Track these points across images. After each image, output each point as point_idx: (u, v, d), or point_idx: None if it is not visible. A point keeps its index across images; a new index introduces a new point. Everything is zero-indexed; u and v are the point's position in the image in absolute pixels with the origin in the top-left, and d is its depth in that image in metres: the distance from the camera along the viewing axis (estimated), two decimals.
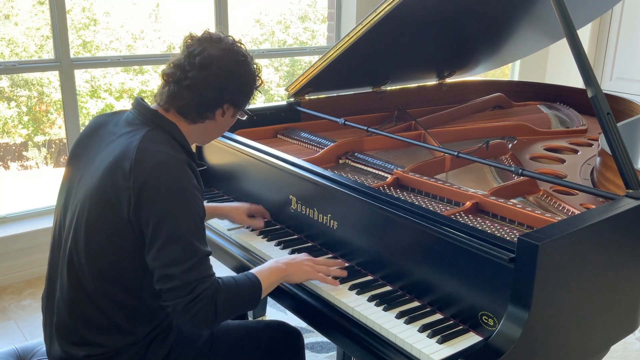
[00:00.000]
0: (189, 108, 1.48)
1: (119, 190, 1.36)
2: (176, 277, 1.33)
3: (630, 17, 4.75)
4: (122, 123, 1.49)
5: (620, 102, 2.77)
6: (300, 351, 1.72)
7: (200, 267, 1.36)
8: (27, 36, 5.21)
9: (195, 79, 1.45)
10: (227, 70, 1.47)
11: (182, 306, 1.34)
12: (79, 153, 1.53)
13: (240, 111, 1.58)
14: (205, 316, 1.35)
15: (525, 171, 1.73)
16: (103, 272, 1.41)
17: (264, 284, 1.49)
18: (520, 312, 1.24)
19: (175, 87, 1.47)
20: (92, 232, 1.40)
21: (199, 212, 1.40)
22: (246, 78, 1.53)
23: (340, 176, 1.75)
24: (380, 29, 2.08)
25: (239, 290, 1.45)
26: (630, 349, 2.69)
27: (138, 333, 1.46)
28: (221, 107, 1.51)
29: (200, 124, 1.51)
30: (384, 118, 2.56)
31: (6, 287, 3.19)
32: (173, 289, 1.34)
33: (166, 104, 1.49)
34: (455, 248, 1.38)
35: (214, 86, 1.47)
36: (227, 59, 1.48)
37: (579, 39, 1.59)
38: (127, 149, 1.39)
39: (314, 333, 2.69)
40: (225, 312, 1.40)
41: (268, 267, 1.55)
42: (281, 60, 6.55)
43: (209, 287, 1.36)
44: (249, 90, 1.56)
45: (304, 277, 1.58)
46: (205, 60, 1.45)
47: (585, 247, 1.37)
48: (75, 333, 1.45)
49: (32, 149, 5.80)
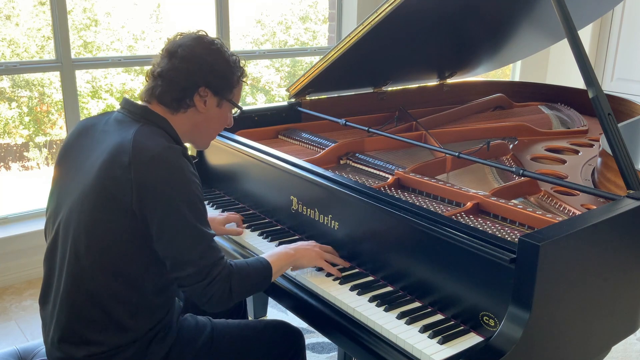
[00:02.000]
0: (167, 96, 1.49)
1: (120, 183, 1.38)
2: (190, 263, 1.39)
3: (631, 18, 4.75)
4: (112, 122, 1.51)
5: (621, 102, 2.77)
6: (301, 351, 1.72)
7: (211, 251, 1.42)
8: (28, 37, 5.22)
9: (165, 66, 1.50)
10: (195, 55, 1.50)
11: (200, 290, 1.41)
12: (69, 155, 1.54)
13: (225, 102, 1.56)
14: (222, 297, 1.43)
15: (526, 172, 1.73)
16: (106, 268, 1.42)
17: (274, 267, 1.56)
18: (521, 312, 1.24)
19: (151, 80, 1.52)
20: (94, 228, 1.41)
21: (201, 197, 1.45)
22: (218, 61, 1.53)
23: (342, 177, 1.75)
24: (381, 29, 2.08)
25: (251, 271, 1.51)
26: (631, 349, 2.69)
27: (139, 329, 1.46)
28: (196, 90, 1.50)
29: (184, 113, 1.52)
30: (385, 119, 2.56)
31: (7, 287, 3.19)
32: (189, 275, 1.40)
33: (148, 97, 1.52)
34: (456, 249, 1.38)
35: (182, 69, 1.49)
36: (195, 44, 1.51)
37: (580, 40, 1.59)
38: (123, 143, 1.41)
39: (315, 334, 2.69)
40: (240, 292, 1.47)
41: (278, 251, 1.63)
42: (282, 61, 6.55)
43: (223, 270, 1.43)
44: (225, 74, 1.54)
45: (311, 262, 1.65)
46: (173, 47, 1.50)
47: (586, 247, 1.37)
48: (75, 333, 1.45)
49: (33, 150, 5.80)
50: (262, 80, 6.57)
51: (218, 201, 2.15)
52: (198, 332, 1.59)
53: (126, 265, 1.42)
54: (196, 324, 1.61)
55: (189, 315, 1.64)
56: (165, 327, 1.53)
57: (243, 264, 1.51)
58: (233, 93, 1.58)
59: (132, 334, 1.45)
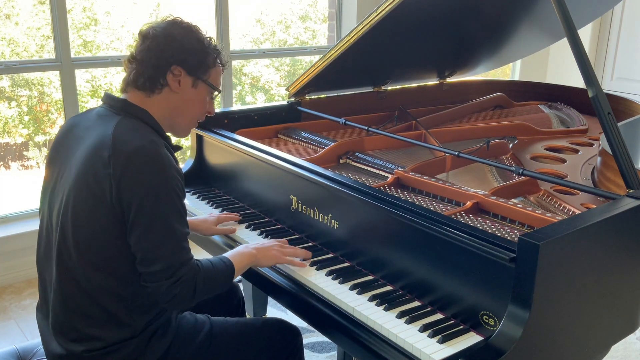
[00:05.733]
0: (140, 77, 1.50)
1: (100, 179, 1.38)
2: (158, 260, 1.38)
3: (631, 17, 4.75)
4: (94, 117, 1.52)
5: (621, 101, 2.77)
6: (299, 348, 1.73)
7: (180, 251, 1.42)
8: (28, 36, 5.22)
9: (138, 50, 1.51)
10: (167, 34, 1.50)
11: (164, 288, 1.40)
12: (57, 155, 1.55)
13: (200, 82, 1.55)
14: (184, 297, 1.42)
15: (525, 171, 1.73)
16: (95, 263, 1.42)
17: (236, 267, 1.56)
18: (521, 311, 1.24)
19: (127, 67, 1.53)
20: (79, 224, 1.41)
21: (179, 193, 1.43)
22: (190, 40, 1.53)
23: (341, 176, 1.75)
24: (381, 28, 2.08)
25: (215, 272, 1.51)
26: (631, 348, 2.69)
27: (136, 324, 1.47)
28: (168, 69, 1.50)
29: (159, 95, 1.51)
30: (385, 118, 2.56)
31: (7, 287, 3.19)
32: (155, 272, 1.39)
33: (125, 86, 1.53)
34: (456, 248, 1.38)
35: (153, 48, 1.49)
36: (167, 25, 1.52)
37: (580, 39, 1.59)
38: (103, 138, 1.42)
39: (315, 333, 2.69)
40: (203, 292, 1.46)
41: (240, 252, 1.62)
42: (282, 60, 6.55)
43: (190, 270, 1.42)
44: (198, 54, 1.53)
45: (272, 261, 1.64)
46: (145, 32, 1.51)
47: (586, 247, 1.36)
48: (73, 329, 1.45)
49: (32, 149, 5.80)
50: (262, 80, 6.57)
51: (217, 200, 2.15)
52: (197, 330, 1.60)
53: (116, 260, 1.43)
54: (195, 321, 1.62)
55: (187, 313, 1.65)
56: (165, 324, 1.53)
57: (208, 265, 1.50)
58: (209, 74, 1.56)
59: (130, 329, 1.46)
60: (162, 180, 1.39)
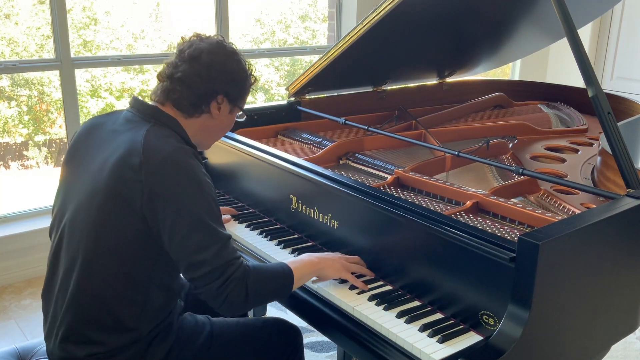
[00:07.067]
0: (184, 101, 1.49)
1: (130, 185, 1.37)
2: (205, 263, 1.37)
3: (631, 17, 4.75)
4: (122, 121, 1.50)
5: (621, 101, 2.77)
6: (299, 348, 1.72)
7: (226, 251, 1.40)
8: (28, 35, 5.22)
9: (186, 71, 1.48)
10: (217, 61, 1.49)
11: (214, 289, 1.38)
12: (77, 154, 1.53)
13: (236, 108, 1.59)
14: (237, 298, 1.39)
15: (525, 171, 1.73)
16: (112, 269, 1.41)
17: (296, 274, 1.51)
18: (521, 311, 1.24)
19: (168, 82, 1.50)
20: (102, 229, 1.40)
21: (214, 197, 1.43)
22: (237, 69, 1.54)
23: (341, 175, 1.75)
24: (381, 28, 2.07)
25: (270, 275, 1.48)
26: (631, 348, 2.70)
27: (142, 330, 1.46)
28: (215, 98, 1.51)
29: (197, 118, 1.52)
30: (385, 117, 2.56)
31: (6, 286, 3.19)
32: (204, 275, 1.38)
33: (162, 99, 1.51)
34: (455, 247, 1.38)
35: (204, 76, 1.48)
36: (216, 50, 1.51)
37: (580, 39, 1.59)
38: (133, 144, 1.40)
39: (315, 332, 2.69)
40: (256, 295, 1.43)
41: (301, 259, 1.58)
42: (282, 60, 6.55)
43: (238, 269, 1.40)
44: (241, 83, 1.56)
45: (336, 274, 1.58)
46: (195, 52, 1.49)
47: (586, 246, 1.36)
48: (78, 332, 1.44)
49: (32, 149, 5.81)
50: (262, 79, 6.57)
51: (217, 200, 2.15)
52: (198, 331, 1.59)
53: (132, 266, 1.42)
54: (195, 322, 1.61)
55: (188, 314, 1.64)
56: (167, 328, 1.53)
57: (261, 267, 1.49)
58: (244, 100, 1.60)
59: (134, 334, 1.45)
60: (196, 188, 1.39)
